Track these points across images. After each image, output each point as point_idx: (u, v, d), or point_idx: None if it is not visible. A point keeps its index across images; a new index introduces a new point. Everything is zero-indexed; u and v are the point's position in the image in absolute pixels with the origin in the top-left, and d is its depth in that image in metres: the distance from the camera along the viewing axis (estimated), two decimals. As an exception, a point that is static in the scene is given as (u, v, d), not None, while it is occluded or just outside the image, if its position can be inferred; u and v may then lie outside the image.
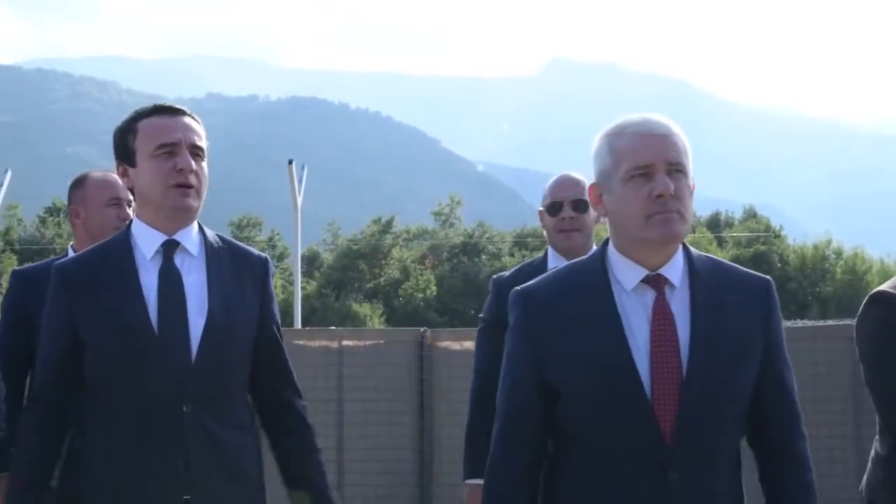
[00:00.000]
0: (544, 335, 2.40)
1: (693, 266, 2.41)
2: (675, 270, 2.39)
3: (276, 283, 63.93)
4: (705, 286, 2.39)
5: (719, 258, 2.51)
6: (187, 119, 2.96)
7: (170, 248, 2.93)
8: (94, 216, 4.03)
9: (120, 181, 4.06)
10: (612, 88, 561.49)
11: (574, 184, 3.93)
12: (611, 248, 2.45)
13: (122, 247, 2.96)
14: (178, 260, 2.93)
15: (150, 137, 2.92)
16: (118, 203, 4.00)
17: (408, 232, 67.25)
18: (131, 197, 4.05)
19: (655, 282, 2.36)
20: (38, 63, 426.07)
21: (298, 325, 10.06)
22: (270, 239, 66.19)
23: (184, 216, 2.93)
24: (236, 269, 2.98)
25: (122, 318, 2.85)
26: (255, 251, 3.09)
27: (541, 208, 3.99)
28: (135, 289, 2.87)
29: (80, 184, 4.15)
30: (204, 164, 2.95)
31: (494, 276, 4.15)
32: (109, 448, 2.85)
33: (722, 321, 2.36)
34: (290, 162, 9.53)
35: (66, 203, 4.20)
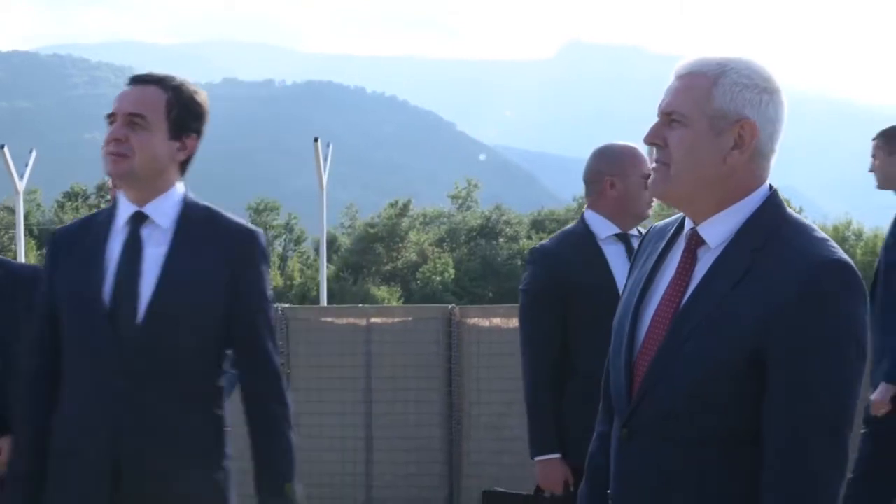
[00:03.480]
0: None
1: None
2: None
3: (293, 266, 63.81)
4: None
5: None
6: (137, 87, 2.94)
7: (137, 219, 2.93)
8: None
9: None
10: (631, 70, 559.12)
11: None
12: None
13: (107, 216, 2.99)
14: (145, 232, 2.92)
15: None
16: None
17: (424, 215, 67.29)
18: None
19: None
20: (56, 49, 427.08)
21: (325, 303, 10.03)
22: (287, 223, 66.32)
23: (120, 182, 2.96)
24: (211, 243, 2.93)
25: (79, 287, 2.89)
26: (244, 226, 3.01)
27: (611, 177, 3.94)
28: (99, 259, 2.90)
29: None
30: (144, 131, 2.89)
31: (536, 247, 4.14)
32: (58, 416, 2.91)
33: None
34: (316, 140, 9.51)
35: (83, 188, 4.23)
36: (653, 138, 2.20)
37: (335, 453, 7.10)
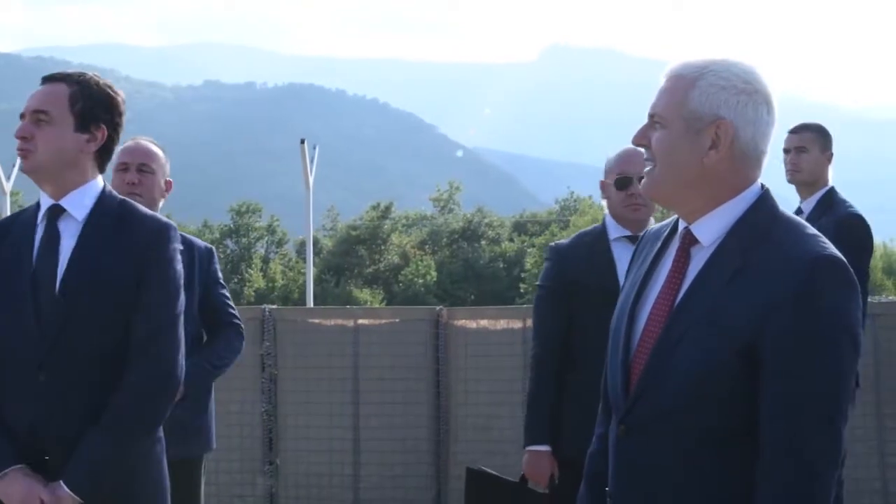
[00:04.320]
0: None
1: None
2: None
3: (275, 268, 63.28)
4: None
5: None
6: (46, 86, 3.03)
7: (54, 212, 2.99)
8: (113, 181, 4.11)
9: (140, 146, 4.13)
10: (611, 74, 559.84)
11: (641, 158, 4.07)
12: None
13: (32, 213, 3.06)
14: (62, 224, 2.98)
15: None
16: (125, 168, 4.05)
17: (406, 218, 67.25)
18: (150, 162, 4.10)
19: None
20: (38, 51, 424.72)
21: (311, 304, 10.03)
22: (270, 225, 66.10)
23: (31, 177, 3.02)
24: (119, 236, 2.97)
25: (3, 284, 2.94)
26: (157, 220, 3.04)
27: (601, 180, 4.13)
28: (24, 254, 2.96)
29: None
30: (49, 127, 2.97)
31: (552, 244, 4.28)
32: None
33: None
34: (303, 141, 9.55)
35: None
36: (639, 140, 2.28)
37: (323, 454, 7.12)
